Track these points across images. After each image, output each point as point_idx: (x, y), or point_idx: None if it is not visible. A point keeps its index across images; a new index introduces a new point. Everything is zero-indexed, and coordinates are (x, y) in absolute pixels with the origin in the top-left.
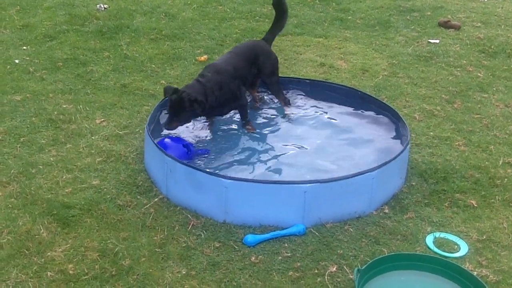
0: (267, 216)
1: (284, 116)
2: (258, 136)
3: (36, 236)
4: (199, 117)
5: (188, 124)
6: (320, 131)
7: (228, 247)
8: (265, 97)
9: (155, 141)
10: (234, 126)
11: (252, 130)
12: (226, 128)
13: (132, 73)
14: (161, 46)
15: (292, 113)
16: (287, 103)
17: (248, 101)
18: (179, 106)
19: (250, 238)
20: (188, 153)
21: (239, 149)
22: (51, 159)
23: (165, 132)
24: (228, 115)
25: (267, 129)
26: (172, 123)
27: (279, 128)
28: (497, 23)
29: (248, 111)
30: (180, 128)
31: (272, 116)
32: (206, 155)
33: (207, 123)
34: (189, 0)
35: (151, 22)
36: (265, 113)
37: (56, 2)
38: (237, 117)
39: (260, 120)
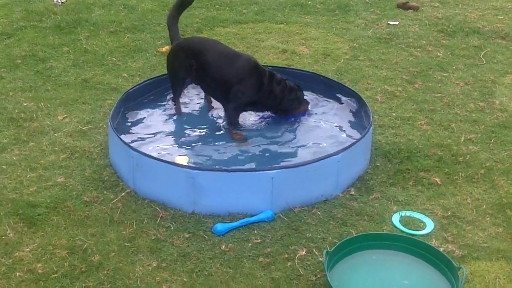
0: (235, 204)
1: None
2: (220, 126)
3: (3, 237)
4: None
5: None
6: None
7: (198, 237)
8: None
9: None
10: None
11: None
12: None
13: (93, 67)
14: (122, 39)
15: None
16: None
17: None
18: None
19: (219, 227)
20: None
21: (205, 140)
22: (14, 158)
23: None
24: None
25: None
26: None
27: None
28: (455, 3)
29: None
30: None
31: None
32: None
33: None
34: None
35: (110, 14)
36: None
37: None
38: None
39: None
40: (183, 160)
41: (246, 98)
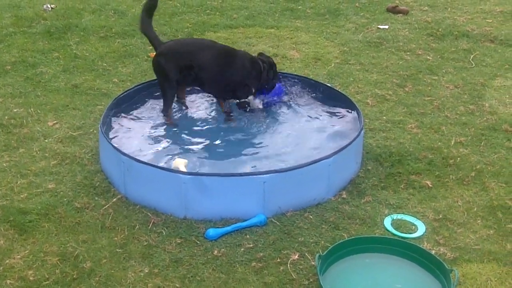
0: (227, 209)
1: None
2: (214, 130)
3: None
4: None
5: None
6: (275, 121)
7: (190, 243)
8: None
9: None
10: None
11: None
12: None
13: (83, 72)
14: (112, 44)
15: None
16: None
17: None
18: None
19: (211, 232)
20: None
21: (196, 144)
22: (4, 164)
23: None
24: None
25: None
26: None
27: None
28: (444, 6)
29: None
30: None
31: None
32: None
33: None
34: None
35: (100, 20)
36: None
37: (1, 4)
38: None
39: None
40: (181, 162)
41: (254, 86)
